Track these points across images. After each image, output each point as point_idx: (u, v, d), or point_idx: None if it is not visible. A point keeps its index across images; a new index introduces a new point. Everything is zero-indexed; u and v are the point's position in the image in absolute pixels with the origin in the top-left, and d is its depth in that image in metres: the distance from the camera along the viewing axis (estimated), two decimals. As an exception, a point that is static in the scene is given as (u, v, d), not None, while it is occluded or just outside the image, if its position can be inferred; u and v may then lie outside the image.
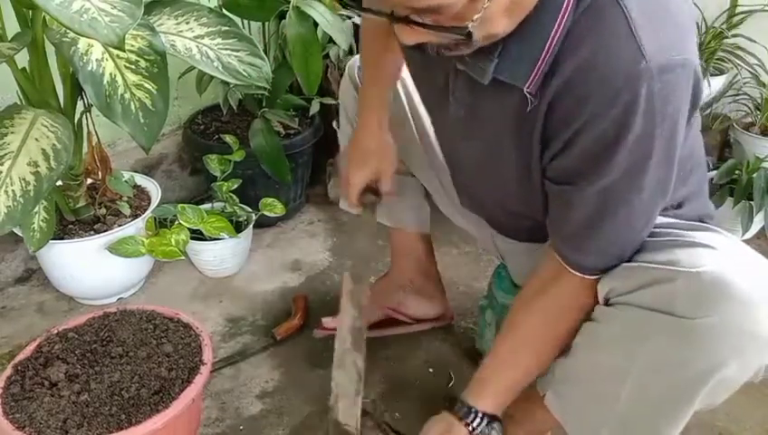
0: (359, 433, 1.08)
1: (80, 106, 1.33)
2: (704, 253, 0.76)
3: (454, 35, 0.68)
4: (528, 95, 0.76)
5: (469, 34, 0.67)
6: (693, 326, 0.73)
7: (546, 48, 0.72)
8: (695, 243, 0.78)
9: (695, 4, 1.92)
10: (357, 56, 1.26)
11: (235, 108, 1.69)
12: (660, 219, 0.85)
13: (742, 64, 1.89)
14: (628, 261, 0.82)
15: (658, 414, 0.82)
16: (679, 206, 0.91)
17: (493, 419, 0.96)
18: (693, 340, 0.74)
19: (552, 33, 0.71)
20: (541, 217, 0.91)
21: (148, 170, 1.78)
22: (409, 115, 1.19)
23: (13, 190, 1.08)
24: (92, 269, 1.43)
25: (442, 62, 0.83)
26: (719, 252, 0.76)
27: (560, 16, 0.70)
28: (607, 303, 0.85)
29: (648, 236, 0.83)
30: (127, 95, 1.11)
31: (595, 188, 0.77)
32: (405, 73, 1.17)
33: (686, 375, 0.76)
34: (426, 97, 1.06)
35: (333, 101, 1.68)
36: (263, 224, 1.76)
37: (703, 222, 0.95)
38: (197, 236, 1.51)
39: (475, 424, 0.95)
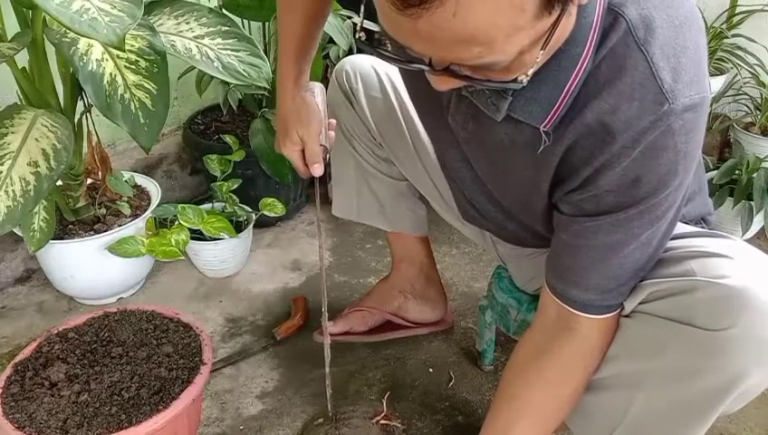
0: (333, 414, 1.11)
1: (80, 106, 1.33)
2: (722, 263, 0.75)
3: (504, 86, 0.65)
4: (543, 134, 0.74)
5: (525, 84, 0.64)
6: (714, 338, 0.72)
7: (566, 90, 0.71)
8: (710, 253, 0.77)
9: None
10: (344, 60, 1.22)
11: (235, 108, 1.69)
12: None
13: (742, 64, 1.90)
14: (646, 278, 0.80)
15: (674, 423, 0.81)
16: None
17: None
18: (714, 351, 0.73)
19: (573, 75, 0.70)
20: (542, 228, 0.90)
21: (148, 170, 1.78)
22: (404, 126, 1.15)
23: (13, 190, 1.08)
24: (92, 269, 1.43)
25: None
26: (737, 261, 0.75)
27: (581, 60, 0.69)
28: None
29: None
30: (127, 95, 1.11)
31: (610, 221, 0.76)
32: (396, 76, 1.13)
33: (706, 386, 0.75)
34: (421, 109, 1.03)
35: (333, 101, 1.68)
36: (263, 224, 1.76)
37: (705, 220, 0.95)
38: (197, 236, 1.51)
39: None
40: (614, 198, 0.74)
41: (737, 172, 1.71)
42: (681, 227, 0.86)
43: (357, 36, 0.63)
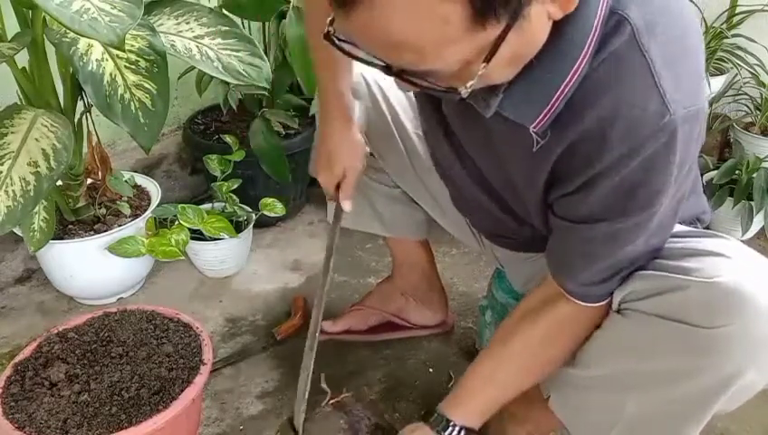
0: (301, 428, 1.11)
1: (80, 106, 1.33)
2: (717, 262, 0.75)
3: (445, 96, 0.66)
4: (534, 135, 0.74)
5: (467, 95, 0.64)
6: (709, 336, 0.72)
7: (560, 92, 0.69)
8: (706, 251, 0.77)
9: (694, 3, 1.93)
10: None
11: (235, 108, 1.69)
12: None
13: (742, 64, 1.89)
14: (640, 269, 0.81)
15: (670, 422, 0.81)
16: None
17: (469, 431, 0.96)
18: (709, 349, 0.73)
19: (568, 77, 0.68)
20: (538, 223, 0.90)
21: (148, 170, 1.78)
22: (395, 133, 1.14)
23: (13, 190, 1.08)
24: (92, 269, 1.43)
25: None
26: (733, 261, 0.75)
27: (578, 62, 0.67)
28: (617, 309, 0.84)
29: None
30: (127, 95, 1.11)
31: (605, 228, 0.76)
32: (384, 82, 1.11)
33: (701, 385, 0.76)
34: (419, 102, 1.02)
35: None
36: (263, 224, 1.76)
37: (699, 220, 0.95)
38: (197, 236, 1.51)
39: None
40: (609, 206, 0.74)
41: (737, 172, 1.71)
42: (677, 227, 0.86)
43: (326, 31, 0.63)
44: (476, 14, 0.55)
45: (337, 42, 0.63)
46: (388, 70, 0.63)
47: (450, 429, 0.95)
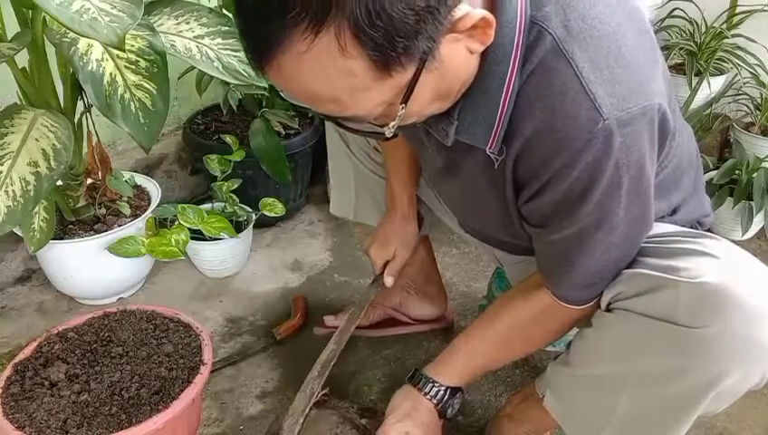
0: None
1: (80, 106, 1.33)
2: (706, 262, 0.75)
3: (377, 136, 0.70)
4: (491, 155, 0.77)
5: (391, 134, 0.68)
6: (695, 335, 0.73)
7: (500, 111, 0.72)
8: (696, 251, 0.77)
9: (695, 4, 1.93)
10: None
11: (235, 108, 1.69)
12: (657, 228, 0.84)
13: (742, 64, 1.89)
14: (629, 267, 0.82)
15: (660, 421, 0.81)
16: (674, 212, 0.91)
17: (455, 390, 1.00)
18: (695, 349, 0.73)
19: (504, 94, 0.70)
20: (521, 242, 0.92)
21: (148, 170, 1.78)
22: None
23: (13, 190, 1.08)
24: (92, 269, 1.43)
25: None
26: (721, 261, 0.75)
27: (507, 79, 0.69)
28: (607, 308, 0.85)
29: (650, 244, 0.82)
30: (127, 95, 1.11)
31: (568, 232, 0.78)
32: None
33: (688, 384, 0.76)
34: (408, 138, 1.06)
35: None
36: (263, 224, 1.76)
37: (700, 223, 0.95)
38: (197, 236, 1.51)
39: (438, 397, 0.99)
40: (567, 210, 0.75)
41: (737, 172, 1.71)
42: (669, 227, 0.87)
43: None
44: (379, 65, 0.58)
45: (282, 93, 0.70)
46: (324, 116, 0.68)
47: (436, 389, 0.99)
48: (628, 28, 0.71)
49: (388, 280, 1.21)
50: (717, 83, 1.93)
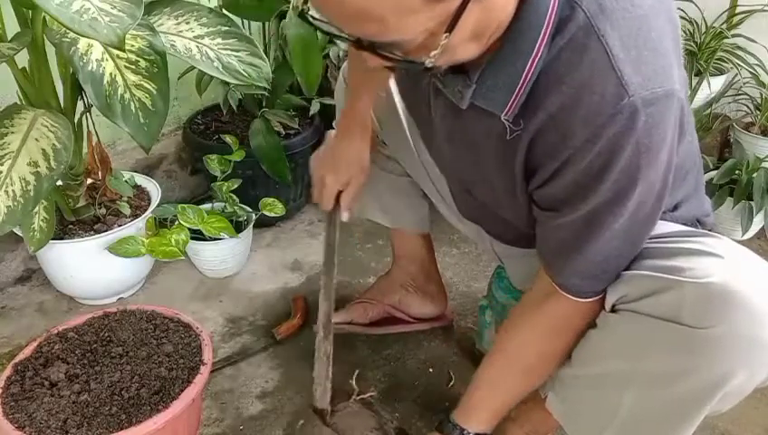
0: (329, 409, 1.15)
1: (80, 106, 1.33)
2: (711, 262, 0.75)
3: (412, 67, 0.68)
4: (506, 122, 0.76)
5: (427, 68, 0.67)
6: (701, 336, 0.72)
7: (523, 78, 0.71)
8: (701, 251, 0.77)
9: (695, 4, 1.93)
10: None
11: (235, 108, 1.69)
12: (660, 227, 0.84)
13: (742, 64, 1.89)
14: (629, 269, 0.81)
15: (663, 422, 0.81)
16: (675, 208, 0.91)
17: None
18: (701, 350, 0.73)
19: (529, 64, 0.70)
20: (532, 228, 0.90)
21: (148, 170, 1.78)
22: (404, 121, 1.16)
23: (13, 190, 1.08)
24: (92, 269, 1.43)
25: (423, 79, 0.83)
26: (726, 261, 0.75)
27: (536, 48, 0.69)
28: (612, 309, 0.84)
29: (653, 244, 0.82)
30: (127, 95, 1.11)
31: (580, 214, 0.77)
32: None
33: (693, 385, 0.75)
34: (410, 108, 1.06)
35: (333, 102, 1.68)
36: (263, 224, 1.76)
37: (699, 221, 0.95)
38: (197, 236, 1.51)
39: None
40: (582, 192, 0.75)
41: (737, 172, 1.71)
42: (672, 227, 0.87)
43: (301, 8, 0.66)
44: None
45: (311, 19, 0.66)
46: (358, 44, 0.65)
47: None
48: (659, 12, 0.71)
49: (344, 215, 1.13)
50: (717, 83, 1.93)
